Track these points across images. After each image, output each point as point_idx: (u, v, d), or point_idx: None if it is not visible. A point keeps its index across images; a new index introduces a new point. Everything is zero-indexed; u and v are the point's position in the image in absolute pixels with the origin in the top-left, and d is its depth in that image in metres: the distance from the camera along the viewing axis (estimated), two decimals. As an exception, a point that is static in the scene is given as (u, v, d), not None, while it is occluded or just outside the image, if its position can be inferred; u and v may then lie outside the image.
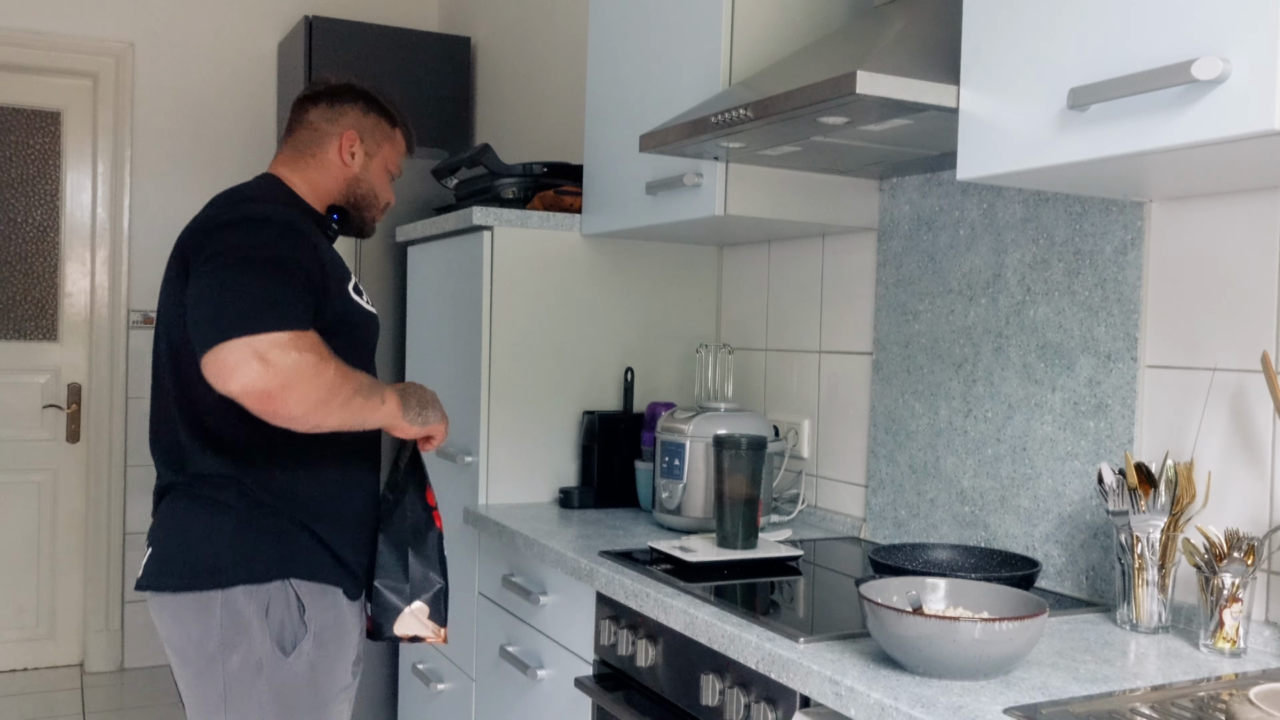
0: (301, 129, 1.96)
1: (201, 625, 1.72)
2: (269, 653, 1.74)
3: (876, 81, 1.49)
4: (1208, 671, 1.38)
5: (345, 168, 1.96)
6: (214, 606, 1.72)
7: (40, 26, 4.11)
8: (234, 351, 1.57)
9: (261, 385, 1.58)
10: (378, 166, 2.01)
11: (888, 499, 2.18)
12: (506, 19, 3.98)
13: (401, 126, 2.06)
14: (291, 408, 1.61)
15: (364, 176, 1.99)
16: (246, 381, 1.57)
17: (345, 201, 1.99)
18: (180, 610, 1.74)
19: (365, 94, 2.01)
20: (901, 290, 2.17)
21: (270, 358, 1.58)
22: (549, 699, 2.10)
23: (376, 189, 2.02)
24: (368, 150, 1.98)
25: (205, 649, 1.73)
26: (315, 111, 1.96)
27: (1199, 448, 1.61)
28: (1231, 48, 1.15)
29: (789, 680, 1.40)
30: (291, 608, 1.76)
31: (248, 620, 1.73)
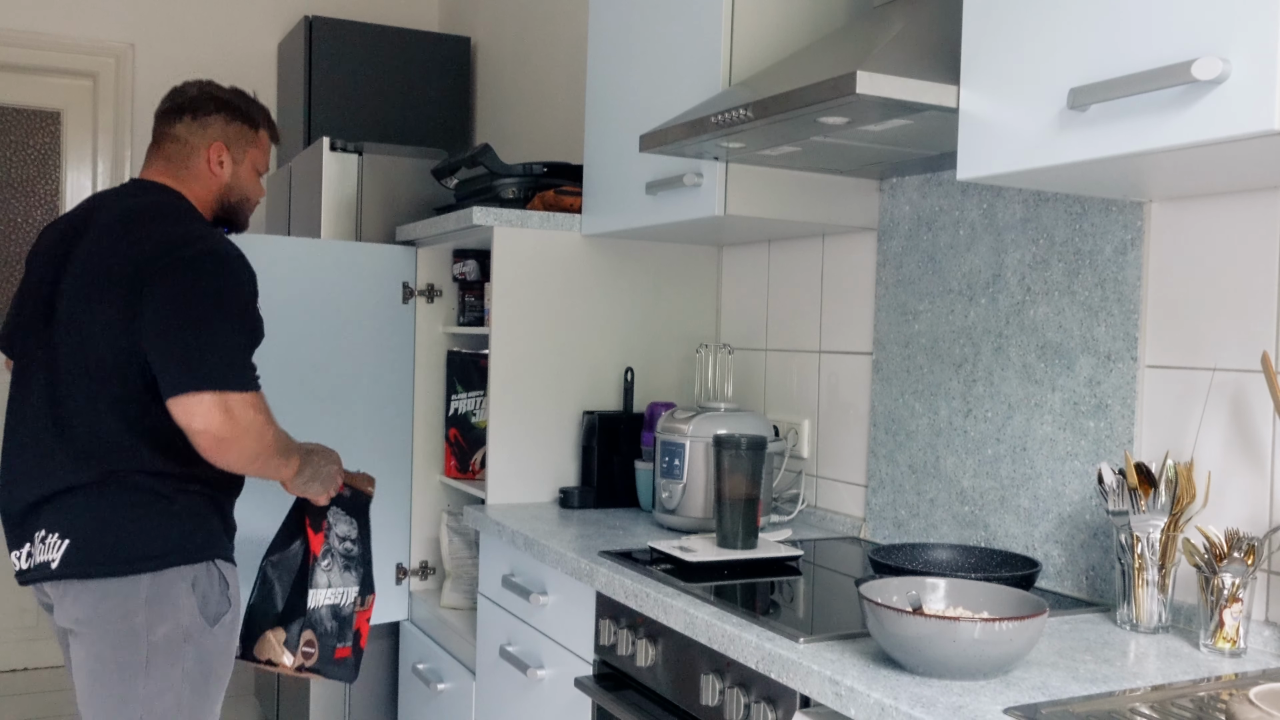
0: (169, 143, 2.09)
1: (125, 604, 1.87)
2: (196, 624, 1.92)
3: (876, 81, 1.49)
4: (1208, 671, 1.38)
5: (215, 177, 2.09)
6: (141, 587, 1.88)
7: (40, 27, 4.12)
8: (205, 402, 1.83)
9: (222, 434, 1.84)
10: (246, 170, 2.14)
11: (888, 499, 2.19)
12: (506, 19, 3.99)
13: (264, 126, 2.18)
14: (232, 457, 1.87)
15: (234, 183, 2.12)
16: (210, 427, 1.83)
17: (221, 208, 2.13)
18: (105, 592, 1.87)
19: (226, 102, 2.12)
20: (901, 290, 2.17)
21: (235, 413, 1.85)
22: (549, 699, 2.10)
23: (248, 192, 2.15)
24: (235, 158, 2.11)
25: (130, 623, 1.87)
26: (180, 125, 2.08)
27: (1199, 448, 1.61)
28: (1231, 48, 1.15)
29: (789, 680, 1.40)
30: (215, 584, 1.95)
31: (175, 596, 1.90)
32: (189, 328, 1.87)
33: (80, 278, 1.95)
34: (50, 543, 1.90)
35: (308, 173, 3.22)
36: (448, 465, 2.86)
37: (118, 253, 1.93)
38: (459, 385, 2.84)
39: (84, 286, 1.94)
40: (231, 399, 1.85)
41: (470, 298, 2.85)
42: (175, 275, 1.88)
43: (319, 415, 2.75)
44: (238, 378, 1.87)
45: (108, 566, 1.87)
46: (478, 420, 2.82)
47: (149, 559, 1.89)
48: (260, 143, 2.16)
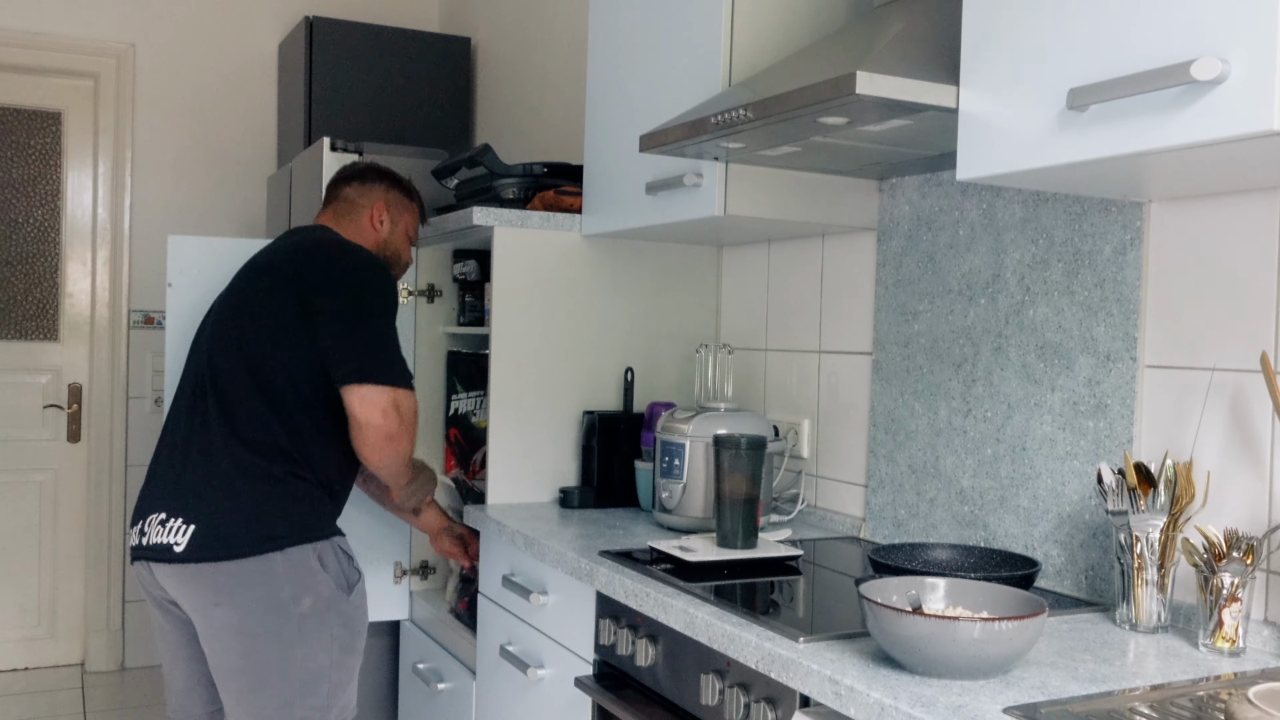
0: (339, 202, 2.41)
1: (269, 582, 2.05)
2: (335, 593, 2.12)
3: (876, 82, 1.49)
4: (1207, 671, 1.39)
5: (376, 232, 2.40)
6: (275, 564, 2.06)
7: (41, 27, 4.12)
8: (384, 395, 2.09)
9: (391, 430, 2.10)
10: (400, 232, 2.45)
11: (887, 499, 2.19)
12: (506, 19, 3.99)
13: (417, 201, 2.51)
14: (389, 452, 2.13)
15: (390, 239, 2.43)
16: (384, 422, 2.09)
17: None
18: (244, 573, 2.04)
19: (388, 173, 2.46)
20: (901, 290, 2.17)
21: (402, 410, 2.12)
22: (549, 698, 2.10)
23: (400, 250, 2.46)
24: (393, 219, 2.43)
25: (278, 599, 2.06)
26: (349, 189, 2.41)
27: (1198, 447, 1.61)
28: (1230, 48, 1.15)
29: (789, 680, 1.40)
30: (341, 558, 2.16)
31: (312, 569, 2.10)
32: (365, 323, 2.13)
33: (248, 269, 2.24)
34: (172, 526, 2.07)
35: (308, 173, 3.22)
36: (448, 465, 2.86)
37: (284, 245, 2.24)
38: (459, 385, 2.84)
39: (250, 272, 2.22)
40: (401, 396, 2.11)
41: (470, 298, 2.85)
42: (349, 277, 2.17)
43: (319, 415, 2.75)
44: (406, 378, 2.14)
45: (236, 549, 2.04)
46: (478, 420, 2.83)
47: (272, 540, 2.06)
48: (414, 211, 2.49)
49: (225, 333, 2.18)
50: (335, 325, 2.12)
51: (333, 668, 2.13)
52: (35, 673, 4.20)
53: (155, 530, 2.08)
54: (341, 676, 2.16)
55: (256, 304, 2.17)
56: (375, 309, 2.17)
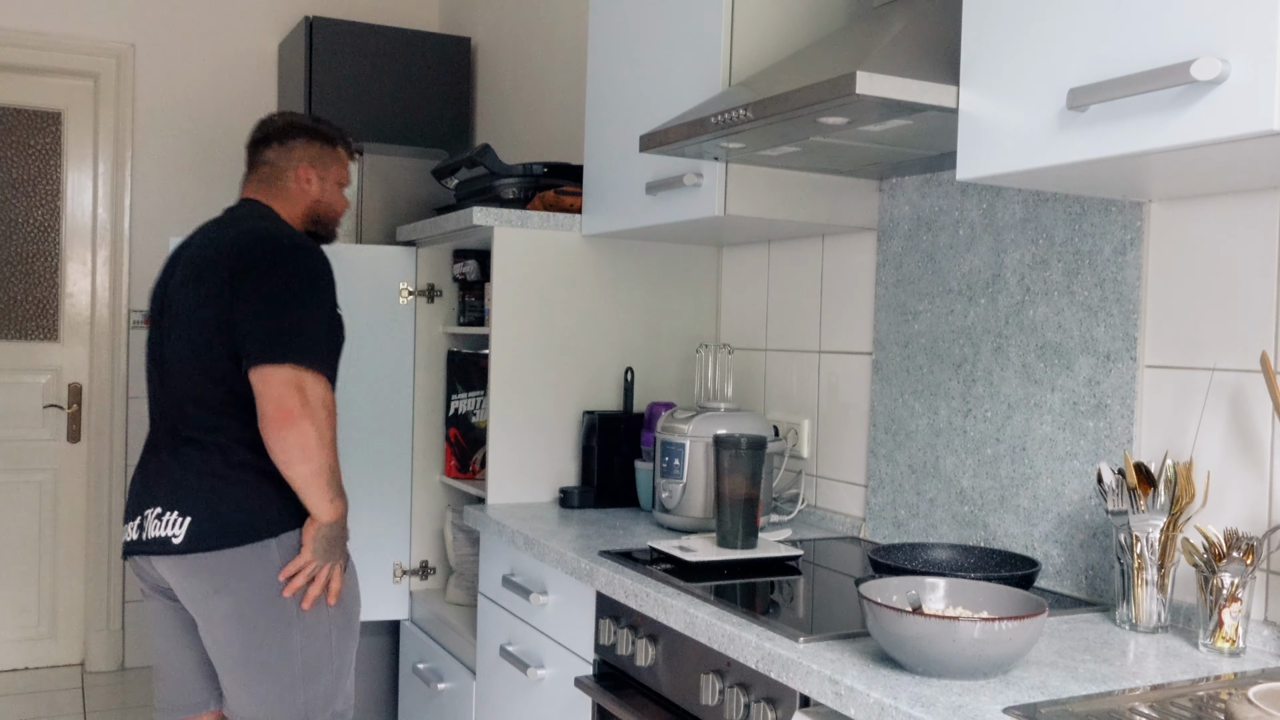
0: (262, 168, 2.31)
1: (265, 568, 2.08)
2: None
3: (876, 82, 1.49)
4: (1207, 671, 1.39)
5: (306, 195, 2.32)
6: (271, 550, 2.09)
7: (41, 27, 4.12)
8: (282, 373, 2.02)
9: (289, 406, 2.02)
10: (331, 185, 2.36)
11: (887, 499, 2.19)
12: (506, 19, 3.99)
13: (341, 143, 2.39)
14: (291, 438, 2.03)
15: (323, 198, 2.34)
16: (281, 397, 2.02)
17: (312, 222, 2.34)
18: (241, 561, 2.07)
19: (306, 127, 2.34)
20: (901, 290, 2.17)
21: (306, 391, 2.04)
22: (549, 698, 2.10)
23: (334, 204, 2.37)
24: (320, 175, 2.33)
25: (276, 584, 2.09)
26: (270, 152, 2.31)
27: (1198, 447, 1.61)
28: (1230, 48, 1.15)
29: (789, 680, 1.40)
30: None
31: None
32: (278, 305, 2.07)
33: (186, 273, 2.19)
34: (169, 520, 2.09)
35: (308, 173, 3.22)
36: (448, 465, 2.86)
37: (218, 241, 2.17)
38: (459, 385, 2.84)
39: (188, 277, 2.17)
40: (306, 376, 2.05)
41: (470, 298, 2.85)
42: (272, 260, 2.10)
43: (319, 415, 2.75)
44: (315, 357, 2.07)
45: (233, 537, 2.07)
46: (478, 420, 2.83)
47: (270, 525, 2.09)
48: (340, 157, 2.38)
49: (182, 350, 2.15)
50: (249, 311, 2.07)
51: (333, 654, 2.17)
52: (35, 673, 4.20)
53: (153, 524, 2.11)
54: (342, 664, 2.19)
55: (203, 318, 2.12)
56: (292, 291, 2.10)
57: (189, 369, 2.13)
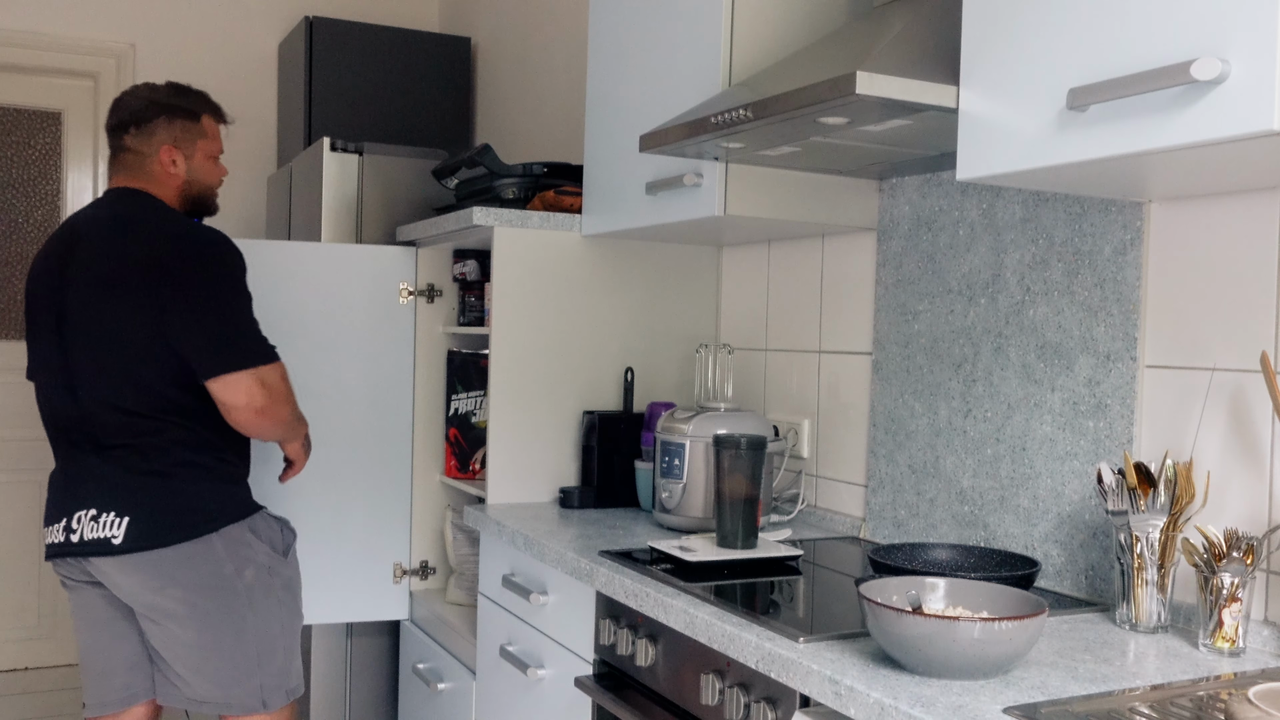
0: (126, 155, 2.24)
1: (210, 561, 2.13)
2: (273, 558, 2.22)
3: (876, 82, 1.49)
4: (1207, 671, 1.39)
5: (174, 178, 2.25)
6: (214, 543, 2.13)
7: (41, 27, 4.12)
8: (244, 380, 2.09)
9: (262, 405, 2.11)
10: (200, 161, 2.28)
11: (887, 499, 2.19)
12: (506, 19, 3.99)
13: (205, 110, 2.31)
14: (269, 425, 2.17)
15: (193, 178, 2.28)
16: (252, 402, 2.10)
17: (188, 202, 2.28)
18: (185, 557, 2.11)
19: (164, 104, 2.25)
20: (901, 290, 2.17)
21: (269, 384, 2.12)
22: (549, 699, 2.10)
23: (205, 180, 2.30)
24: (186, 153, 2.26)
25: (223, 574, 2.14)
26: (129, 138, 2.23)
27: (1198, 447, 1.61)
28: (1230, 48, 1.15)
29: (789, 680, 1.40)
30: (272, 526, 2.25)
31: (247, 541, 2.18)
32: (214, 313, 2.10)
33: (88, 283, 2.13)
34: (106, 521, 2.10)
35: (308, 173, 3.22)
36: (448, 465, 2.86)
37: (122, 252, 2.12)
38: (459, 385, 2.84)
39: (93, 289, 2.12)
40: (265, 373, 2.12)
41: (470, 298, 2.85)
42: (190, 265, 2.10)
43: (319, 416, 2.75)
44: (263, 351, 2.13)
45: (175, 534, 2.10)
46: (478, 420, 2.83)
47: (210, 520, 2.13)
48: (206, 129, 2.29)
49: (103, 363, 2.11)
50: (181, 318, 2.07)
51: (283, 633, 2.23)
52: (35, 673, 4.19)
53: (88, 526, 2.11)
54: (292, 642, 2.26)
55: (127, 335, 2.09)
56: (221, 291, 2.11)
57: (114, 382, 2.11)
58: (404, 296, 2.85)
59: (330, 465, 2.78)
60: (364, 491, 2.81)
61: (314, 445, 2.73)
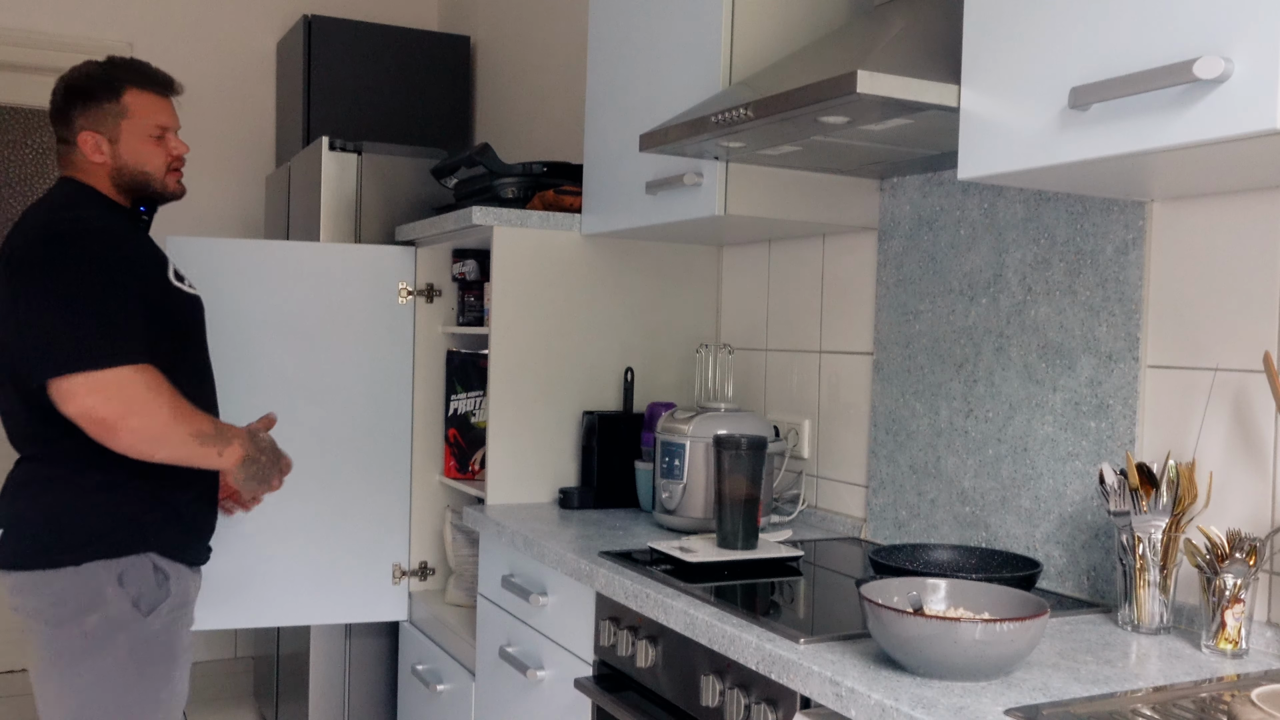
0: (60, 145, 2.06)
1: (55, 595, 1.89)
2: (128, 613, 1.91)
3: (877, 81, 1.49)
4: (1209, 672, 1.38)
5: (102, 165, 2.03)
6: (65, 579, 1.89)
7: (40, 26, 4.11)
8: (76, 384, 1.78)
9: (103, 414, 1.79)
10: (131, 145, 2.03)
11: (888, 499, 2.18)
12: (506, 19, 3.98)
13: (131, 88, 2.04)
14: (126, 439, 1.82)
15: (122, 164, 2.03)
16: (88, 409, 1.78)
17: (125, 190, 2.06)
18: (33, 586, 1.90)
19: (78, 89, 2.02)
20: (902, 290, 2.17)
21: (111, 391, 1.79)
22: (549, 700, 2.10)
23: (140, 163, 2.04)
24: (111, 137, 2.02)
25: (62, 611, 1.89)
26: (57, 128, 2.04)
27: (1201, 448, 1.61)
28: (1233, 47, 1.14)
29: (789, 681, 1.39)
30: (149, 576, 1.94)
31: (99, 587, 1.90)
32: (53, 310, 1.82)
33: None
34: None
35: (307, 172, 3.22)
36: (447, 465, 2.85)
37: (6, 249, 1.96)
38: (458, 385, 2.83)
39: None
40: (104, 377, 1.79)
41: (470, 298, 2.85)
42: (32, 259, 1.87)
43: (319, 416, 2.75)
44: (105, 352, 1.79)
45: (32, 559, 1.90)
46: (477, 420, 2.82)
47: (68, 551, 1.89)
48: (131, 107, 2.02)
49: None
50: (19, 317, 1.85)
51: (116, 709, 1.91)
52: (34, 673, 4.19)
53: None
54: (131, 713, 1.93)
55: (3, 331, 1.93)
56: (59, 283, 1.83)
57: (5, 389, 1.95)
58: (403, 296, 2.85)
59: (329, 465, 2.77)
60: (363, 492, 2.81)
61: (312, 445, 2.73)
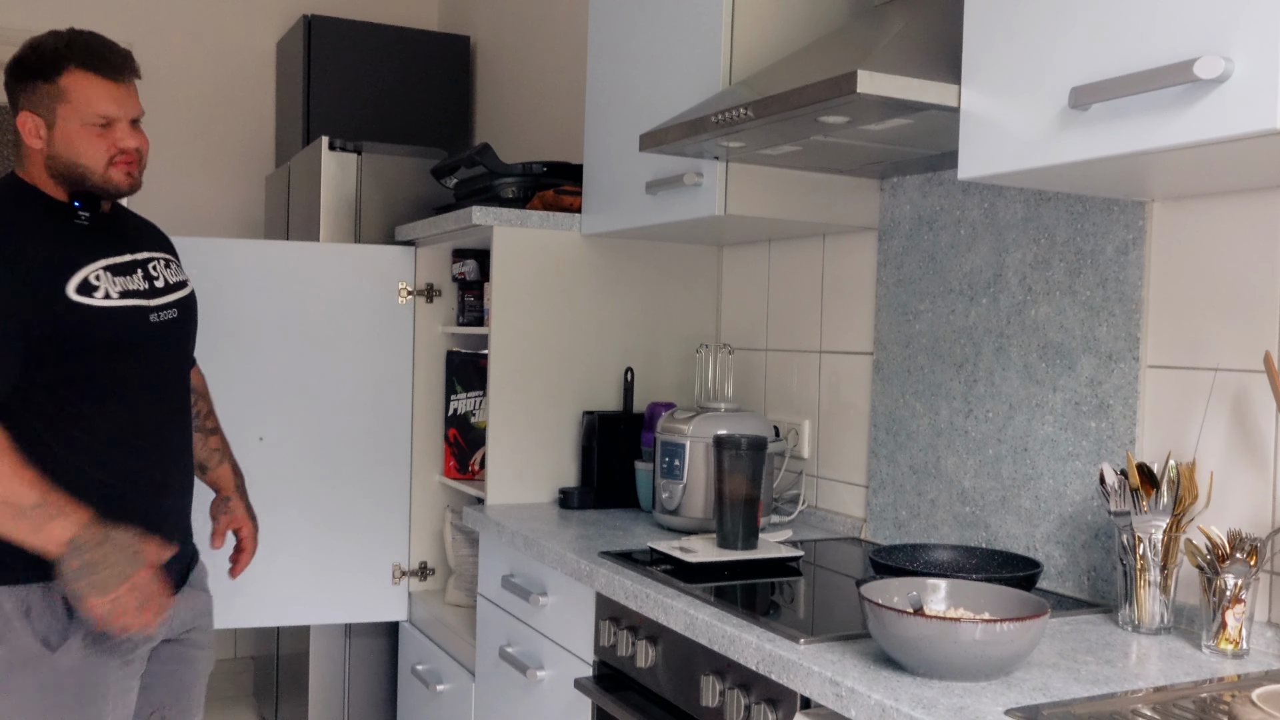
0: None
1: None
2: (34, 649, 1.72)
3: (877, 81, 1.49)
4: (1210, 673, 1.38)
5: (42, 150, 1.80)
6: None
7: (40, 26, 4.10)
8: None
9: None
10: (62, 133, 1.78)
11: (888, 499, 2.18)
12: (506, 19, 3.98)
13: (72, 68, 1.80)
14: None
15: (55, 152, 1.79)
16: None
17: (61, 181, 1.81)
18: None
19: (21, 63, 1.82)
20: (902, 290, 2.16)
21: None
22: (549, 700, 2.10)
23: (76, 154, 1.79)
24: (47, 121, 1.79)
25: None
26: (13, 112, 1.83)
27: (1201, 448, 1.61)
28: (1233, 47, 1.14)
29: (789, 681, 1.39)
30: (55, 607, 1.73)
31: (8, 618, 1.71)
32: None
33: None
34: None
35: (307, 172, 3.22)
36: (447, 466, 2.85)
37: None
38: (458, 385, 2.83)
39: None
40: None
41: (470, 298, 2.85)
42: None
43: (319, 416, 2.75)
44: None
45: None
46: (477, 420, 2.82)
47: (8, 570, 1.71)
48: (67, 89, 1.78)
49: None
50: None
51: None
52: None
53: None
54: None
55: None
56: None
57: None
58: (403, 296, 2.85)
59: (329, 465, 2.77)
60: (362, 492, 2.81)
61: (312, 445, 2.72)
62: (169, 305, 1.92)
